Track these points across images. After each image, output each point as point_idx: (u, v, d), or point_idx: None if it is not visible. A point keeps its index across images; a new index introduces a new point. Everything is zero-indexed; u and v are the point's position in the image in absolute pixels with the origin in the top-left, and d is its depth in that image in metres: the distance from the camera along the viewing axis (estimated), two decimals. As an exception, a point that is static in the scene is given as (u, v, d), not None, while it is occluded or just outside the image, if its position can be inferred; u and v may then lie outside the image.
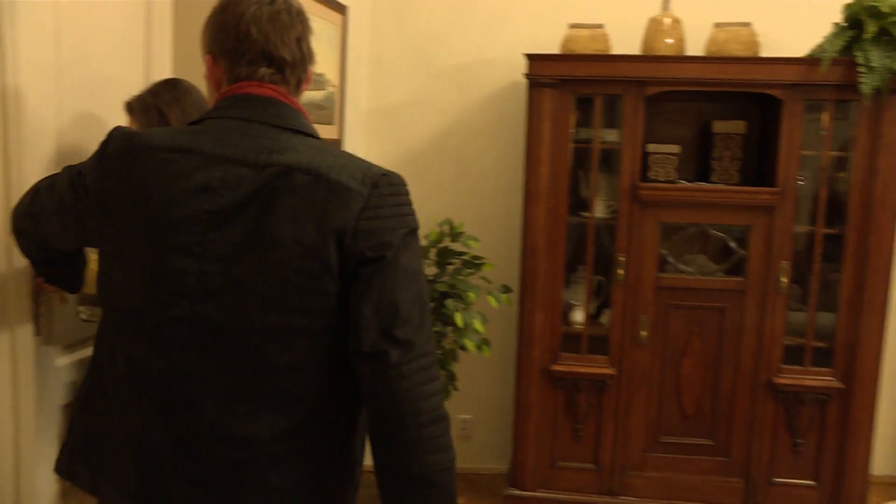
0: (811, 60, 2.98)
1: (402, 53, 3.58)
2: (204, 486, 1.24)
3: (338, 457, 1.32)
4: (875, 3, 2.92)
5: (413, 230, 1.26)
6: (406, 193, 1.26)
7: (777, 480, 3.19)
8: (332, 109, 3.13)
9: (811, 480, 3.18)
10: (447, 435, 1.24)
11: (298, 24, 1.32)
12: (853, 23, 3.00)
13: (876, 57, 2.90)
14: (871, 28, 2.91)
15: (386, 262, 1.19)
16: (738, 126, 3.19)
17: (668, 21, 3.17)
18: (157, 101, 1.85)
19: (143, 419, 1.26)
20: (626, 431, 3.20)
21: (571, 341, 3.19)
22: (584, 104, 3.13)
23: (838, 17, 3.06)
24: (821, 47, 3.03)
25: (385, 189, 1.22)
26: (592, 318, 3.26)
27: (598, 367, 3.16)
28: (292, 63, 1.30)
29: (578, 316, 3.21)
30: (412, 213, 1.27)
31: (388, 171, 1.26)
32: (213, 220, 1.20)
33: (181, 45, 2.32)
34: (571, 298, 3.23)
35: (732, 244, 3.13)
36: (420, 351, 1.21)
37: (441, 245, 3.13)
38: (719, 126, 3.20)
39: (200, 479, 1.24)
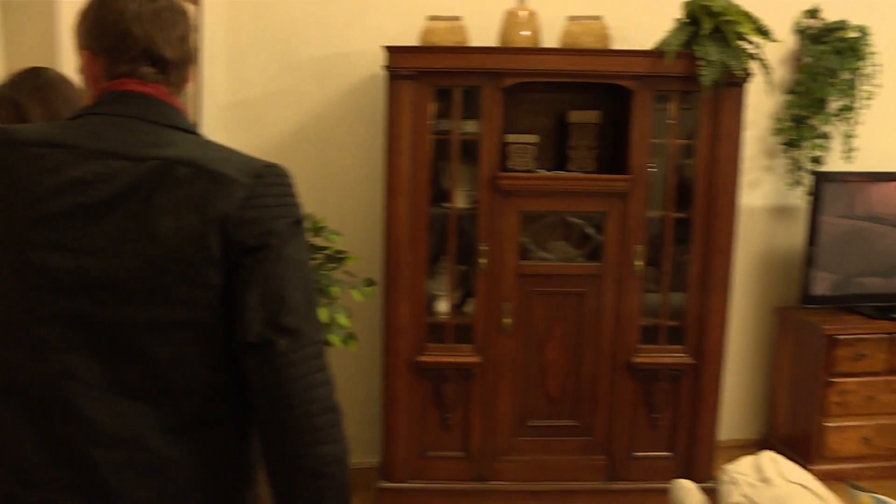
0: (657, 53, 3.12)
1: (261, 45, 3.49)
2: (86, 495, 1.17)
3: (233, 457, 1.28)
4: (708, 3, 3.09)
5: (299, 221, 1.23)
6: (291, 185, 1.24)
7: (637, 454, 3.34)
8: (186, 103, 3.02)
9: (667, 452, 3.36)
10: (339, 426, 1.22)
11: (182, 22, 1.28)
12: (692, 19, 3.16)
13: (713, 52, 3.07)
14: (706, 25, 3.08)
15: (271, 250, 1.17)
16: (592, 116, 3.29)
17: (524, 14, 3.23)
18: (14, 93, 1.67)
19: (16, 431, 1.18)
20: (494, 417, 3.26)
21: (437, 332, 3.22)
22: (444, 96, 3.15)
23: (680, 12, 3.22)
24: (665, 41, 3.17)
25: (269, 179, 1.20)
26: (457, 307, 3.29)
27: (463, 355, 3.20)
28: (175, 62, 1.27)
29: (443, 306, 3.24)
30: (297, 205, 1.25)
31: (273, 163, 1.24)
32: (89, 214, 1.15)
33: (11, 27, 2.16)
34: (435, 289, 3.25)
35: (590, 230, 3.25)
36: (309, 339, 1.19)
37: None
38: (575, 116, 3.29)
39: (82, 489, 1.17)
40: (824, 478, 3.54)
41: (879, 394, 3.64)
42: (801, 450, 3.70)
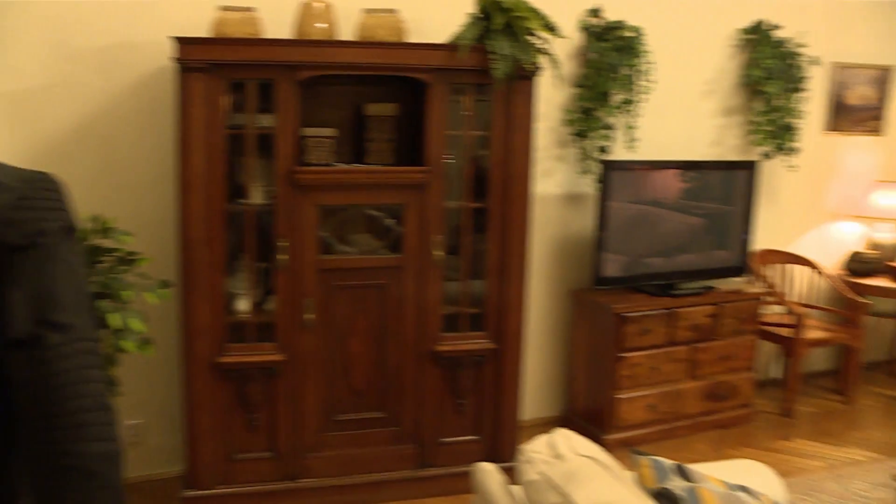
0: (452, 47, 3.18)
1: (34, 32, 3.20)
2: None
3: None
4: (499, -1, 3.20)
5: (71, 229, 1.18)
6: (63, 193, 1.19)
7: (444, 440, 3.42)
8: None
9: (474, 435, 3.46)
10: (112, 425, 1.15)
11: None
12: (485, 14, 3.25)
13: (504, 46, 3.17)
14: (498, 20, 3.18)
15: (41, 249, 1.12)
16: (389, 108, 3.32)
17: (319, 6, 3.19)
18: None
19: None
20: (301, 415, 3.23)
21: (238, 331, 3.13)
22: (238, 89, 3.05)
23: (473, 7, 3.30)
24: (459, 35, 3.24)
25: (41, 185, 1.15)
26: (258, 305, 3.22)
27: (266, 354, 3.14)
28: None
29: (243, 305, 3.15)
30: (70, 214, 1.19)
31: (44, 172, 1.18)
32: None
33: None
34: (235, 288, 3.16)
35: (389, 222, 3.27)
36: (81, 335, 1.13)
37: (90, 243, 2.89)
38: (372, 109, 3.31)
39: None
40: (617, 445, 3.83)
41: (661, 364, 3.96)
42: (597, 422, 3.95)
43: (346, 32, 3.33)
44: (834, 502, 3.50)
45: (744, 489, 2.10)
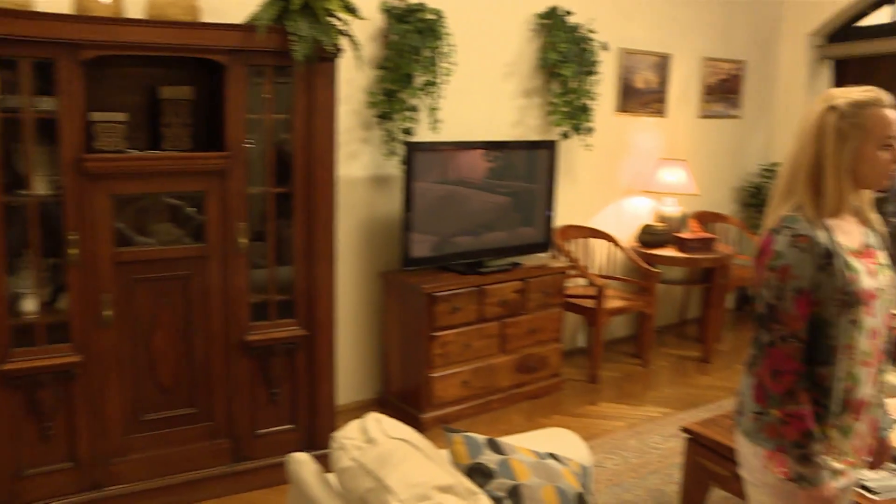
0: (249, 27, 3.08)
1: None
2: None
3: None
4: (296, -21, 3.13)
5: None
6: None
7: (260, 432, 3.35)
8: None
9: (290, 424, 3.41)
10: None
11: None
12: (285, -7, 3.18)
13: (304, 27, 3.11)
14: (296, 0, 3.11)
15: None
16: (185, 91, 3.17)
17: (102, -19, 2.98)
18: None
19: None
20: (103, 418, 3.03)
21: (25, 334, 2.87)
22: (10, 67, 2.78)
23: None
24: (256, 15, 3.15)
25: None
26: (48, 304, 2.97)
27: (60, 356, 2.91)
28: None
29: (30, 305, 2.89)
30: None
31: None
32: None
33: None
34: (20, 287, 2.89)
35: (190, 210, 3.13)
36: None
37: None
38: (167, 92, 3.14)
39: None
40: (434, 423, 3.91)
41: (473, 341, 4.07)
42: (413, 401, 4.00)
43: (135, 10, 3.13)
44: (633, 457, 3.77)
45: (553, 456, 2.21)
